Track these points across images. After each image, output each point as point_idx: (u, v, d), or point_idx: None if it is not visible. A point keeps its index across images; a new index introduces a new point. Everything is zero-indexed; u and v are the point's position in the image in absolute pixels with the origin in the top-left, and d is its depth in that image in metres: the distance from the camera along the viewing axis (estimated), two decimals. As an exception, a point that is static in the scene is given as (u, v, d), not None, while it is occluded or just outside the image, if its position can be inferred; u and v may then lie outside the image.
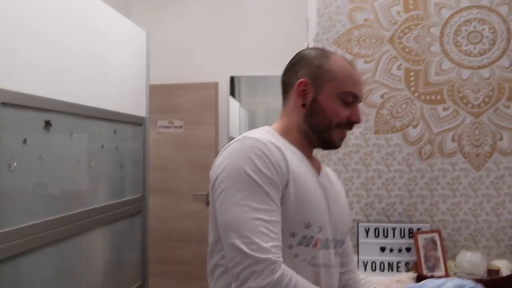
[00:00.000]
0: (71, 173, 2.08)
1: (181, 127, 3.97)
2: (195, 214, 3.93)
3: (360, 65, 2.16)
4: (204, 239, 4.38)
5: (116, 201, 2.47)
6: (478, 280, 1.83)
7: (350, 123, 1.12)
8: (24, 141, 1.72)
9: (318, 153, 2.17)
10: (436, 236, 2.08)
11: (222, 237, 0.99)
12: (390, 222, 2.18)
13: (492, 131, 2.13)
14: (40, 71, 1.80)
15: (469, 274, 2.00)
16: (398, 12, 2.16)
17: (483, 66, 2.13)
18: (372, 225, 2.13)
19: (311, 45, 2.23)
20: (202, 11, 4.15)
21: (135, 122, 2.72)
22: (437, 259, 2.06)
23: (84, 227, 2.12)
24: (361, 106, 2.10)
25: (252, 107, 5.44)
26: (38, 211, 1.82)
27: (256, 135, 1.04)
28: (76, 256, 2.09)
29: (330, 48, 2.17)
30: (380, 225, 2.14)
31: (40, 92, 1.78)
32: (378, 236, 2.13)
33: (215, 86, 3.93)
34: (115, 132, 2.48)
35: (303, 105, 1.12)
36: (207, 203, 3.85)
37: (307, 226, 1.04)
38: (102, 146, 2.34)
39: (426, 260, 2.05)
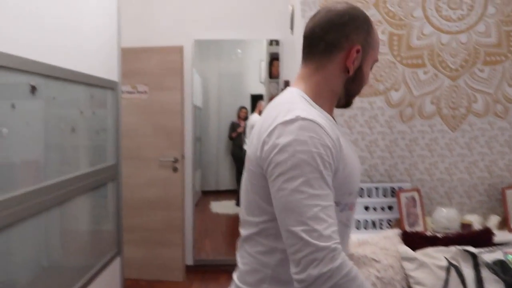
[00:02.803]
0: (55, 140, 1.99)
1: (145, 92, 3.86)
2: (162, 180, 3.89)
3: (345, 29, 2.19)
4: (170, 205, 4.39)
5: (93, 169, 2.40)
6: (454, 234, 1.97)
7: None
8: (12, 106, 1.63)
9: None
10: (416, 195, 2.19)
11: (279, 221, 0.98)
12: (372, 182, 2.27)
13: (467, 94, 2.25)
14: (22, 34, 1.68)
15: (445, 228, 2.14)
16: (382, -23, 2.19)
17: (461, 31, 2.22)
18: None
19: (297, 7, 2.22)
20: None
21: (109, 86, 2.62)
22: (417, 216, 2.18)
23: (65, 196, 2.05)
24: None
25: (205, 73, 5.37)
26: (24, 180, 1.74)
27: (307, 114, 1.01)
28: (55, 226, 2.02)
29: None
30: (364, 185, 2.22)
31: (23, 54, 1.67)
32: (362, 196, 2.22)
33: (180, 50, 3.83)
34: (91, 97, 2.38)
35: (351, 71, 1.10)
36: (174, 170, 3.83)
37: (350, 194, 1.08)
38: (81, 112, 2.25)
39: (407, 217, 2.16)
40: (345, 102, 1.17)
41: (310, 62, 1.13)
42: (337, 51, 1.09)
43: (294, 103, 1.05)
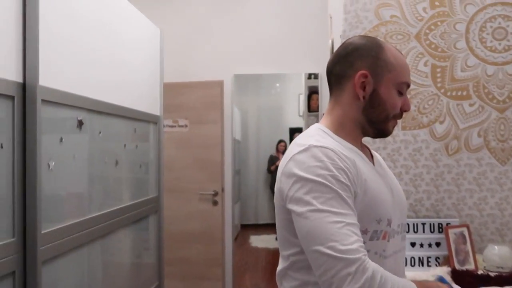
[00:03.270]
0: (99, 173, 2.03)
1: (186, 126, 3.93)
2: (201, 213, 3.89)
3: (387, 61, 2.17)
4: (209, 239, 4.37)
5: (136, 201, 2.43)
6: (508, 273, 1.86)
7: (402, 114, 1.14)
8: (61, 140, 1.68)
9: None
10: (465, 231, 2.10)
11: (304, 248, 0.98)
12: (418, 217, 2.19)
13: (516, 126, 2.16)
14: (72, 70, 1.75)
15: (497, 267, 2.03)
16: (424, 9, 2.17)
17: (508, 62, 2.16)
18: (402, 221, 2.14)
19: (337, 41, 2.23)
20: (206, 9, 4.12)
21: (152, 120, 2.68)
22: (467, 253, 2.08)
23: (108, 228, 2.07)
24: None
25: (244, 106, 5.42)
26: (69, 212, 1.77)
27: (320, 142, 1.04)
28: (97, 258, 2.04)
29: (357, 44, 2.17)
30: (409, 220, 2.15)
31: (72, 90, 1.73)
32: (408, 231, 2.14)
33: (220, 84, 3.90)
34: (135, 130, 2.44)
35: (363, 97, 1.11)
36: (214, 203, 3.84)
37: (378, 221, 1.05)
38: (125, 146, 2.30)
39: (456, 254, 2.06)
40: (374, 130, 1.15)
41: (330, 97, 1.19)
42: (345, 81, 1.13)
43: (310, 136, 1.09)
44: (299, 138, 1.11)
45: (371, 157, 1.20)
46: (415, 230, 2.14)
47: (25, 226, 1.46)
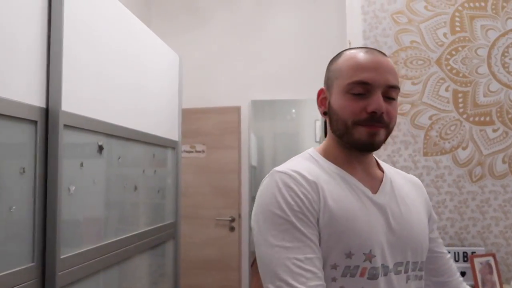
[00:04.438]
0: (118, 198, 2.03)
1: (203, 151, 3.93)
2: (218, 240, 3.85)
3: (407, 86, 2.15)
4: (226, 265, 4.33)
5: (153, 227, 2.41)
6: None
7: (373, 116, 0.95)
8: (81, 164, 1.68)
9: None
10: (491, 260, 2.03)
11: (262, 280, 0.93)
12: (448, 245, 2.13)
13: (542, 152, 2.12)
14: (96, 93, 1.77)
15: (526, 298, 1.95)
16: (444, 34, 2.16)
17: (531, 87, 2.13)
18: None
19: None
20: (223, 35, 4.17)
21: (170, 146, 2.68)
22: (494, 283, 2.01)
23: (126, 254, 2.05)
24: (409, 128, 2.10)
25: (260, 132, 5.42)
26: (87, 237, 1.76)
27: (285, 166, 1.00)
28: (116, 283, 2.02)
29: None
30: (433, 249, 2.09)
31: (93, 115, 1.74)
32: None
33: (237, 110, 3.91)
34: (153, 156, 2.44)
35: (325, 114, 1.06)
36: (231, 229, 3.80)
37: (348, 255, 0.92)
38: (143, 171, 2.30)
39: (483, 284, 1.99)
40: (347, 144, 1.01)
41: None
42: (317, 104, 1.11)
43: (290, 160, 1.05)
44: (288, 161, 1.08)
45: (379, 182, 1.05)
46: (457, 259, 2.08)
47: (44, 251, 1.44)
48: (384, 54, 1.01)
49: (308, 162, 1.03)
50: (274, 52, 4.10)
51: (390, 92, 0.97)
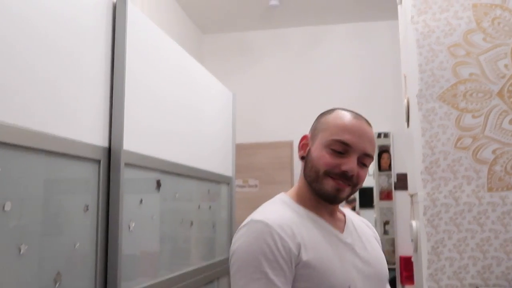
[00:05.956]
0: (175, 234, 2.05)
1: (256, 186, 3.94)
2: (271, 276, 3.80)
3: (467, 120, 2.09)
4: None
5: (209, 263, 2.41)
6: None
7: (343, 173, 1.06)
8: (141, 201, 1.72)
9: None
10: None
11: None
12: (511, 286, 2.00)
13: None
14: (154, 132, 1.83)
15: None
16: (505, 66, 2.09)
17: None
18: (493, 291, 1.97)
19: (413, 100, 2.18)
20: (276, 71, 4.23)
21: (224, 181, 2.71)
22: None
23: (183, 289, 2.06)
24: (470, 162, 2.02)
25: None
26: (147, 273, 1.78)
27: (263, 216, 1.04)
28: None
29: (435, 104, 2.12)
30: (502, 292, 1.96)
31: (152, 153, 1.80)
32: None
33: (290, 145, 3.91)
34: (208, 191, 2.47)
35: (302, 158, 1.15)
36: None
37: None
38: (199, 206, 2.33)
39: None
40: (314, 191, 1.11)
41: None
42: (298, 147, 1.19)
43: (262, 207, 1.11)
44: (260, 207, 1.13)
45: (343, 223, 1.17)
46: (509, 303, 1.95)
47: (105, 286, 1.48)
48: (369, 123, 1.14)
49: (282, 208, 1.09)
50: (326, 87, 4.11)
51: (364, 159, 1.08)
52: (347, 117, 1.11)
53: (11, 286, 1.12)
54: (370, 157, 1.10)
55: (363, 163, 1.09)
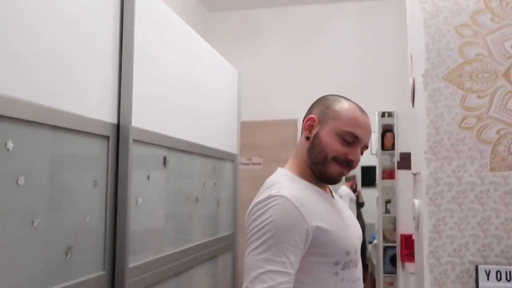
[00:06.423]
0: (181, 210, 2.09)
1: (260, 164, 3.97)
2: (274, 252, 3.86)
3: (473, 100, 2.09)
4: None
5: (213, 238, 2.45)
6: None
7: (348, 161, 1.20)
8: (148, 177, 1.75)
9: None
10: None
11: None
12: (510, 264, 2.04)
13: None
14: (161, 109, 1.84)
15: None
16: (512, 46, 2.08)
17: None
18: (493, 268, 2.00)
19: (419, 80, 2.18)
20: (281, 49, 4.21)
21: (229, 158, 2.74)
22: None
23: (187, 264, 2.10)
24: (474, 142, 2.03)
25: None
26: (154, 248, 1.82)
27: (282, 191, 1.12)
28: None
29: (440, 83, 2.12)
30: (502, 268, 2.00)
31: (159, 129, 1.82)
32: (500, 279, 1.99)
33: (294, 123, 3.93)
34: (214, 168, 2.50)
35: (307, 138, 1.25)
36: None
37: (347, 253, 1.16)
38: (204, 183, 2.36)
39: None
40: (317, 172, 1.23)
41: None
42: (303, 125, 1.29)
43: (276, 183, 1.18)
44: (268, 183, 1.22)
45: (330, 193, 1.33)
46: (508, 278, 1.99)
47: (114, 260, 1.51)
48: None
49: (295, 184, 1.19)
50: (332, 66, 4.10)
51: (363, 149, 1.24)
52: (356, 111, 1.24)
53: (24, 258, 1.16)
54: (367, 147, 1.26)
55: (361, 152, 1.25)
